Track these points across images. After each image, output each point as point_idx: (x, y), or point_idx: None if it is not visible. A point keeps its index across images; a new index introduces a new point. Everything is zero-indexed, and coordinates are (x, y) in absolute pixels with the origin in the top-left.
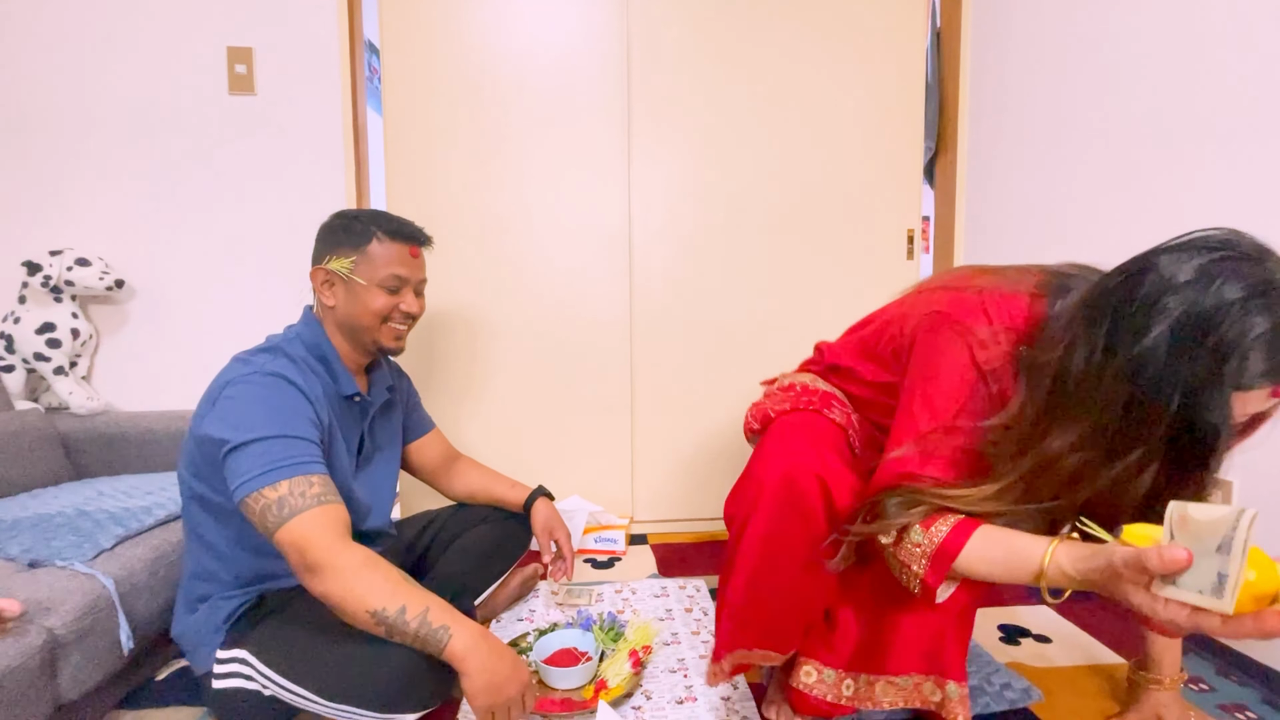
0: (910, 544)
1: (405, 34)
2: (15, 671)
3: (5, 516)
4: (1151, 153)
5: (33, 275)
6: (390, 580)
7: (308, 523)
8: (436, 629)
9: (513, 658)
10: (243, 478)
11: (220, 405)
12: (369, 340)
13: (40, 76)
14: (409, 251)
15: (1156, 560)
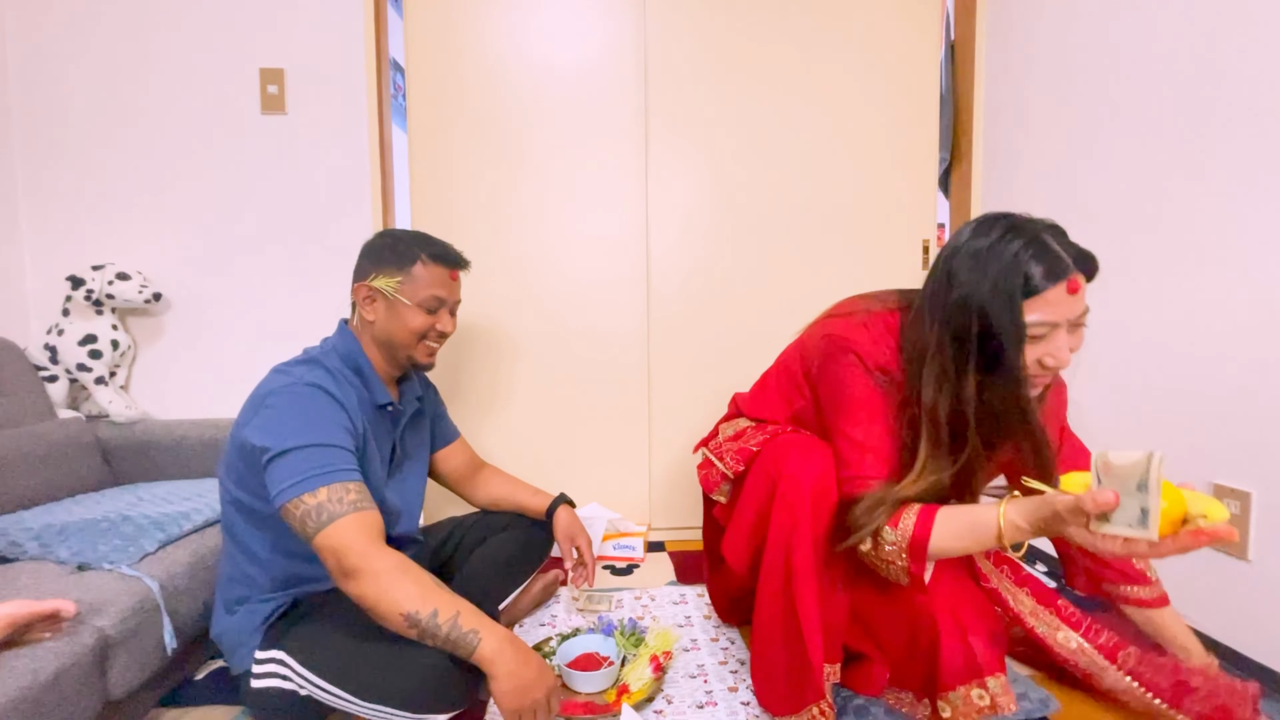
0: (886, 544)
1: (429, 53)
2: (70, 669)
3: (53, 521)
4: (1166, 164)
5: (76, 289)
6: (422, 585)
7: (344, 528)
8: (467, 633)
9: (539, 662)
10: (283, 484)
11: (262, 414)
12: (404, 356)
13: (82, 100)
14: (450, 275)
15: (1090, 503)
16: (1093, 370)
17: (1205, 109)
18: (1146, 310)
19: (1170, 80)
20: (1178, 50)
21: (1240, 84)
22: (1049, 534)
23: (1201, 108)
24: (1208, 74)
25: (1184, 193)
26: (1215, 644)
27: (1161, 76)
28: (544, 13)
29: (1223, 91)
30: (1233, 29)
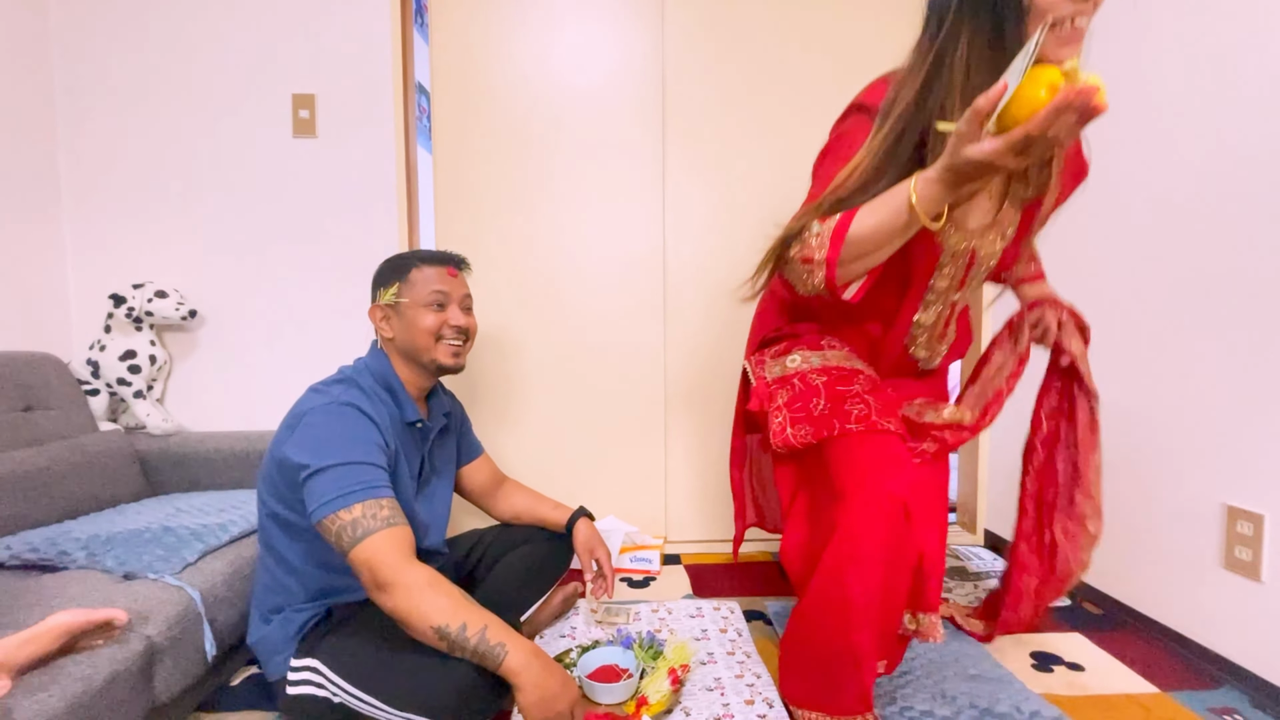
0: (811, 236)
1: (453, 77)
2: (121, 675)
3: (99, 532)
4: (1163, 169)
5: (118, 307)
6: (452, 599)
7: (378, 543)
8: (494, 646)
9: (563, 674)
10: (320, 500)
11: (299, 432)
12: (428, 360)
13: (123, 123)
14: (446, 272)
15: (983, 100)
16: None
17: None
18: (1154, 332)
19: (1164, 87)
20: (1171, 55)
21: (1241, 86)
22: (957, 173)
23: (1197, 111)
24: (1203, 84)
25: (1178, 197)
26: (1228, 664)
27: (1155, 87)
28: (563, 36)
29: (1217, 99)
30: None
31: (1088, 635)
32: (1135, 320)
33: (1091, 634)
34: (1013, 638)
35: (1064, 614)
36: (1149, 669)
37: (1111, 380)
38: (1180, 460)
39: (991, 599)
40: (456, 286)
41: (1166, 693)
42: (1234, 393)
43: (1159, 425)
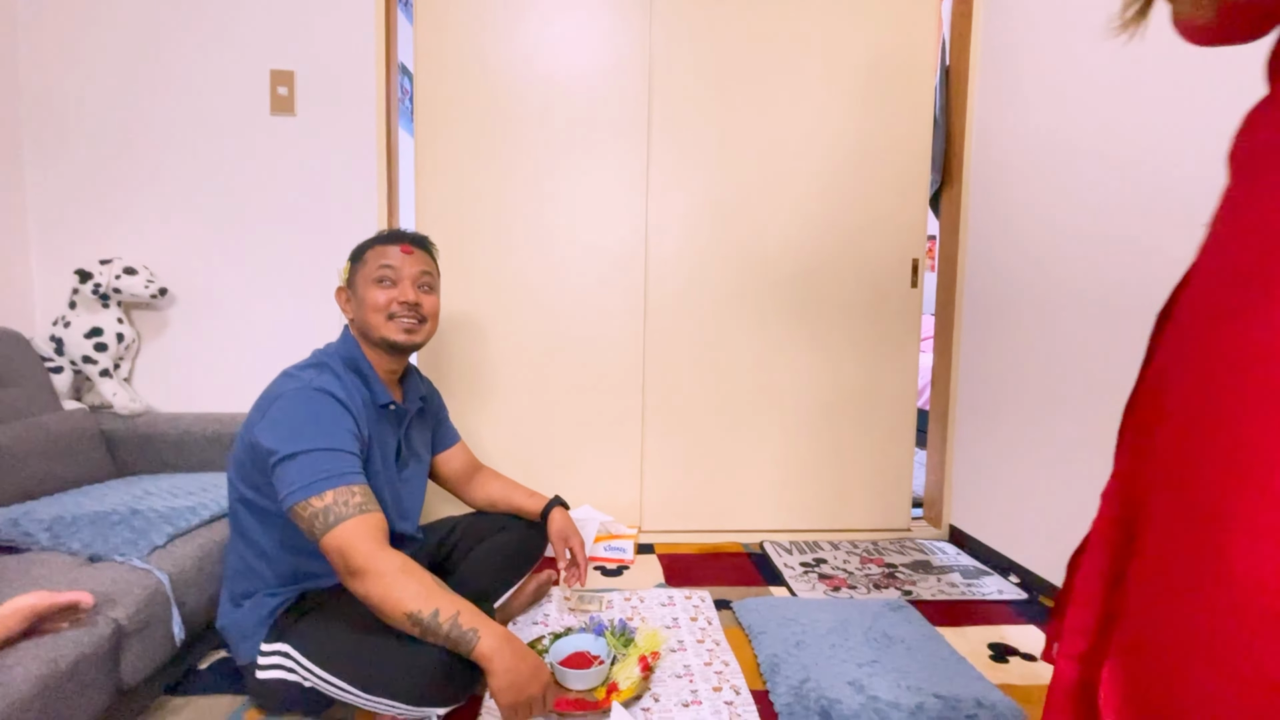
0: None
1: (437, 58)
2: (88, 658)
3: (64, 513)
4: (1153, 187)
5: (84, 283)
6: (425, 585)
7: (350, 530)
8: (466, 631)
9: (534, 659)
10: (291, 487)
11: (270, 417)
12: (379, 338)
13: (92, 96)
14: (399, 249)
15: None
16: (1056, 390)
17: (1190, 130)
18: (1123, 334)
19: (1156, 105)
20: (1163, 75)
21: (1224, 103)
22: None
23: (1187, 129)
24: (1193, 98)
25: (1171, 215)
26: None
27: (1147, 101)
28: (551, 23)
29: (1208, 113)
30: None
31: (1041, 628)
32: (1098, 327)
33: (1045, 626)
34: (971, 628)
35: (1020, 607)
36: None
37: (1072, 383)
38: None
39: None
40: (410, 263)
41: None
42: None
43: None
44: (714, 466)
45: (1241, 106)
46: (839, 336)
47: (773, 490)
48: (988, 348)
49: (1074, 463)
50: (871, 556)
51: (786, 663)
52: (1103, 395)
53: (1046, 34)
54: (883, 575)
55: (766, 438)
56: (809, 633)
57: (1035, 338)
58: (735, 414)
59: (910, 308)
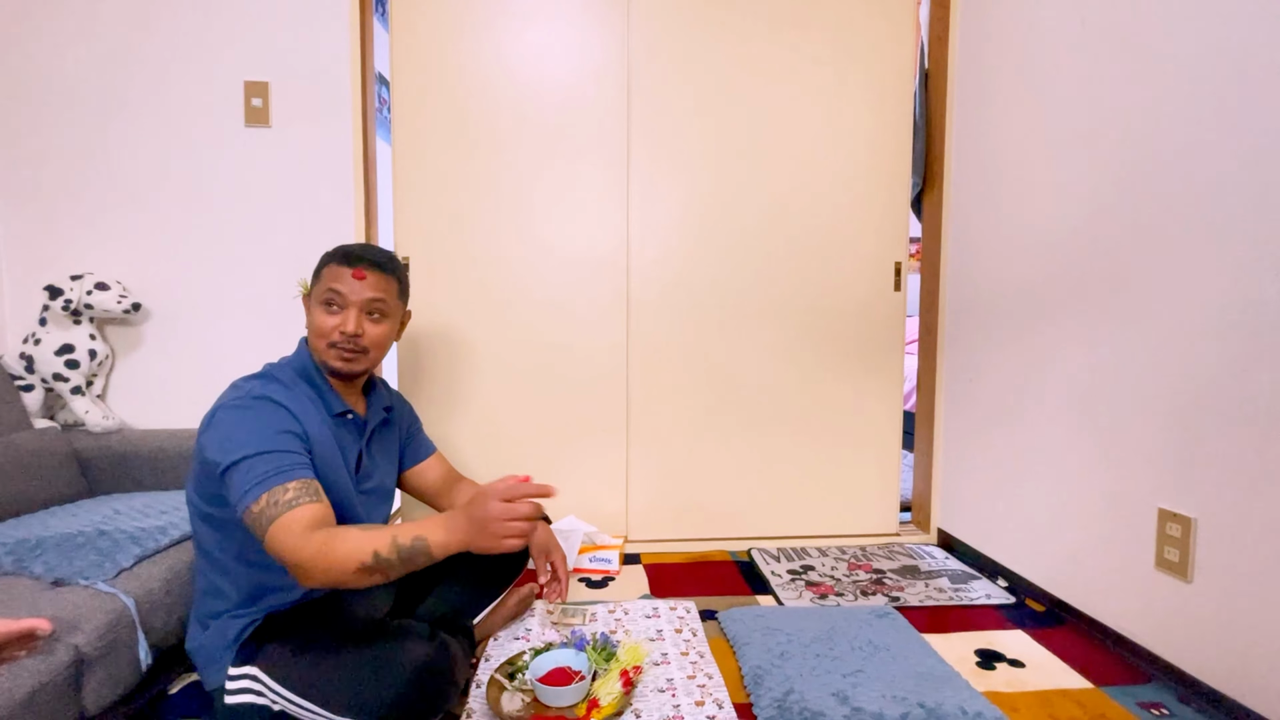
0: None
1: (414, 67)
2: (45, 688)
3: (28, 535)
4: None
5: (54, 299)
6: (351, 538)
7: (278, 531)
8: (413, 544)
9: (473, 504)
10: (235, 497)
11: (211, 429)
12: (319, 362)
13: (62, 108)
14: (350, 273)
15: None
16: (1040, 393)
17: (1168, 133)
18: (1104, 337)
19: (1133, 107)
20: (1139, 78)
21: (1204, 106)
22: None
23: (1165, 132)
24: (1171, 98)
25: (1150, 213)
26: (1158, 660)
27: (1125, 104)
28: (529, 30)
29: (1188, 114)
30: (1186, 53)
31: (1029, 632)
32: (1080, 329)
33: (1033, 631)
34: (959, 634)
35: (1008, 611)
36: (1085, 665)
37: (1057, 385)
38: (1119, 463)
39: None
40: (359, 289)
41: (1100, 688)
42: (1168, 399)
43: (1101, 428)
44: (700, 474)
45: (1222, 107)
46: (823, 341)
47: (759, 497)
48: (972, 350)
49: (1062, 464)
50: (859, 562)
51: (770, 674)
52: (1089, 396)
53: (1024, 35)
54: (870, 581)
55: (752, 444)
56: (794, 642)
57: (1020, 339)
58: (720, 421)
59: (894, 311)
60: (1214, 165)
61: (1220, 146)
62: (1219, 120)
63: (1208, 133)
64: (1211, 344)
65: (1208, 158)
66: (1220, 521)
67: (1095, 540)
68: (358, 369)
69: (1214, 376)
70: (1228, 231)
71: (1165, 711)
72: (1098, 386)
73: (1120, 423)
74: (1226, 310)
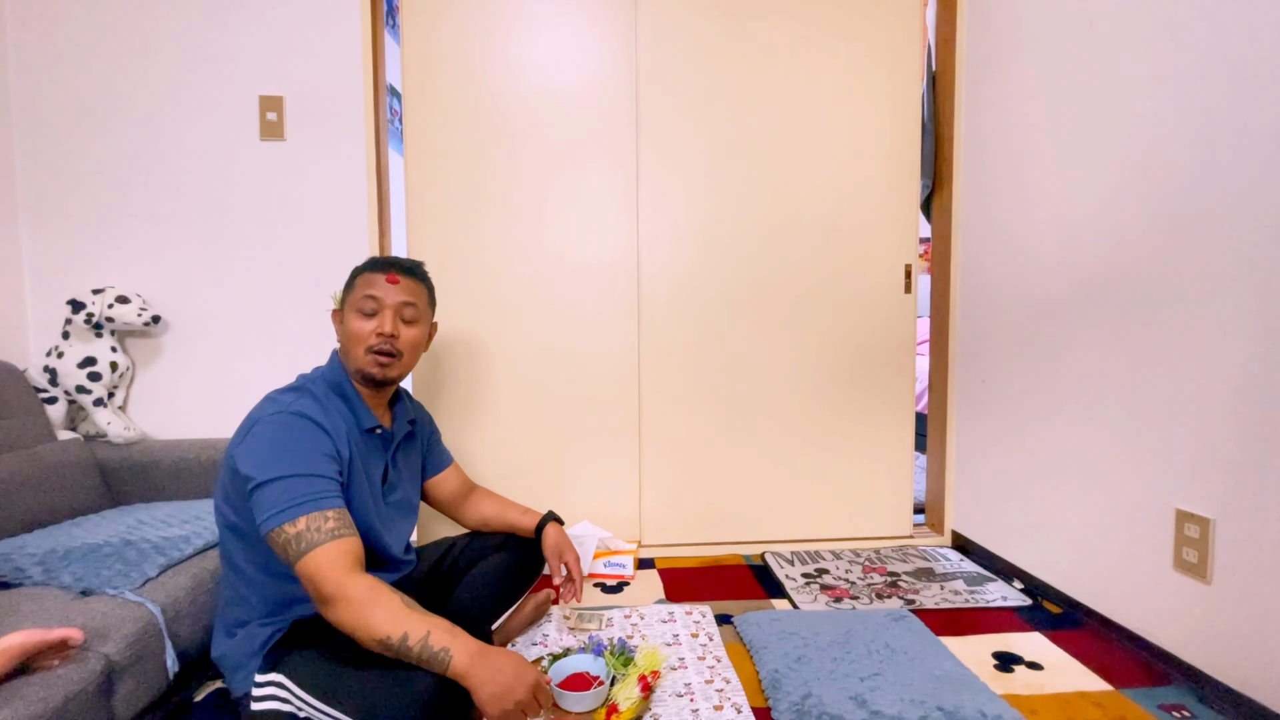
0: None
1: (425, 78)
2: (78, 696)
3: (56, 546)
4: (1145, 185)
5: (76, 313)
6: (393, 609)
7: (320, 557)
8: (438, 651)
9: (515, 663)
10: (266, 513)
11: (247, 442)
12: (355, 370)
13: (83, 125)
14: (385, 278)
15: None
16: (1055, 393)
17: (1177, 127)
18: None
19: (1141, 106)
20: (1148, 75)
21: (1213, 99)
22: None
23: (1174, 128)
24: (1178, 96)
25: (1157, 212)
26: (1178, 662)
27: (1133, 103)
28: (538, 41)
29: (1195, 109)
30: (1194, 46)
31: (1047, 635)
32: (1096, 329)
33: (1050, 633)
34: (975, 637)
35: (1025, 613)
36: (1104, 667)
37: (1071, 385)
38: (1135, 464)
39: None
40: (393, 293)
41: (1120, 690)
42: (1186, 399)
43: (1116, 428)
44: (713, 478)
45: (1234, 104)
46: (834, 344)
47: (773, 500)
48: (985, 350)
49: (1076, 464)
50: (874, 565)
51: (788, 678)
52: (1104, 395)
53: (1032, 35)
54: (885, 584)
55: (765, 448)
56: (810, 646)
57: (1034, 339)
58: (732, 425)
59: (905, 313)
60: (1234, 168)
61: (1240, 148)
62: (1238, 123)
63: (1227, 135)
64: (1231, 344)
65: (1227, 160)
66: (1240, 522)
67: (1112, 541)
68: (392, 375)
69: (1232, 377)
70: (1248, 234)
71: (1187, 713)
72: (1114, 386)
73: (1137, 423)
74: (1246, 312)
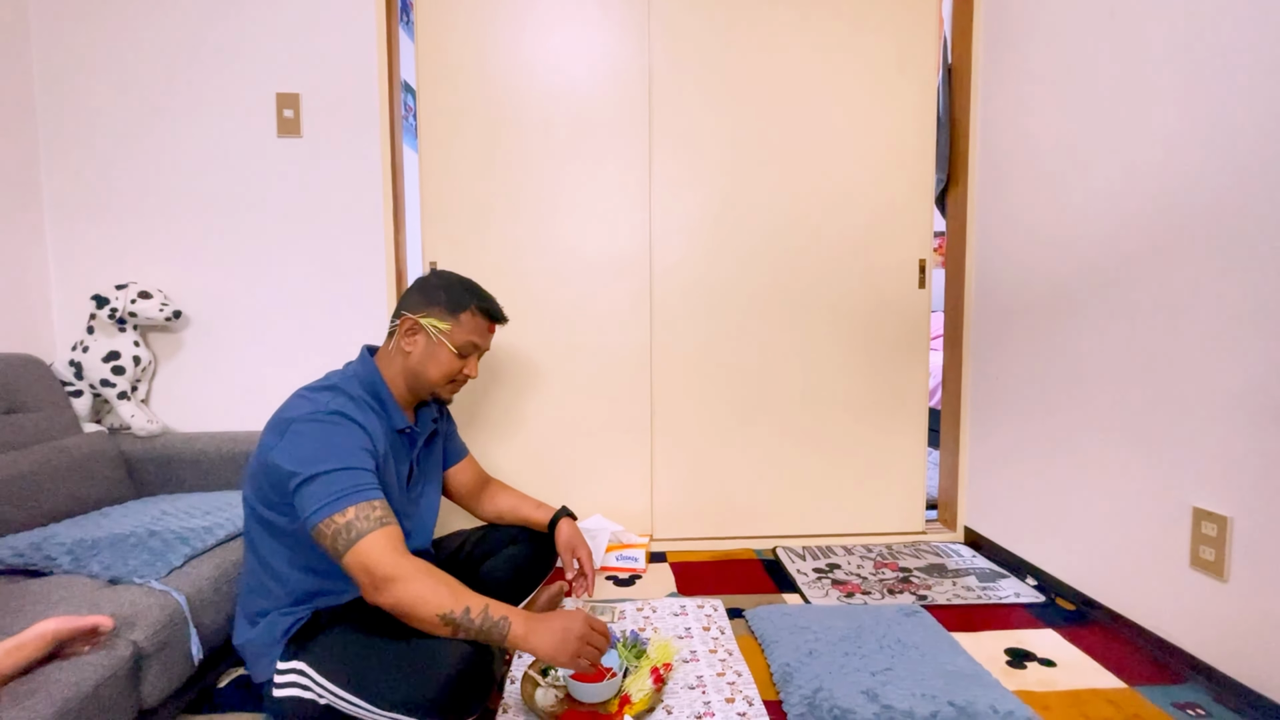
0: None
1: (439, 74)
2: (109, 681)
3: (85, 536)
4: (1161, 181)
5: (101, 308)
6: (451, 586)
7: (373, 544)
8: (498, 621)
9: (559, 614)
10: (313, 507)
11: (289, 440)
12: (428, 392)
13: (105, 125)
14: (489, 327)
15: None
16: (1070, 390)
17: (1195, 124)
18: (1136, 334)
19: (1160, 99)
20: (1166, 69)
21: (1236, 96)
22: None
23: (1192, 121)
24: (1197, 90)
25: (1176, 204)
26: (1194, 660)
27: (1151, 96)
28: (551, 36)
29: (1216, 105)
30: (1221, 41)
31: (1060, 631)
32: (1113, 324)
33: (1063, 630)
34: (988, 633)
35: (1038, 610)
36: (1118, 664)
37: (1087, 382)
38: (1152, 461)
39: None
40: (488, 342)
41: (1134, 687)
42: (1204, 396)
43: (1133, 425)
44: (724, 472)
45: (1257, 96)
46: (847, 338)
47: (784, 495)
48: (998, 346)
49: (1091, 461)
50: (885, 561)
51: (799, 672)
52: (1121, 391)
53: (1048, 28)
54: (897, 580)
55: (776, 442)
56: (822, 641)
57: (1049, 335)
58: (744, 419)
59: (919, 308)
60: (1258, 162)
61: (1265, 141)
62: (1261, 115)
63: (1250, 128)
64: (1251, 341)
65: (1251, 153)
66: (1258, 521)
67: (1127, 539)
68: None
69: (1251, 374)
70: (1271, 229)
71: (1201, 711)
72: (1130, 384)
73: (1154, 420)
74: (1266, 308)
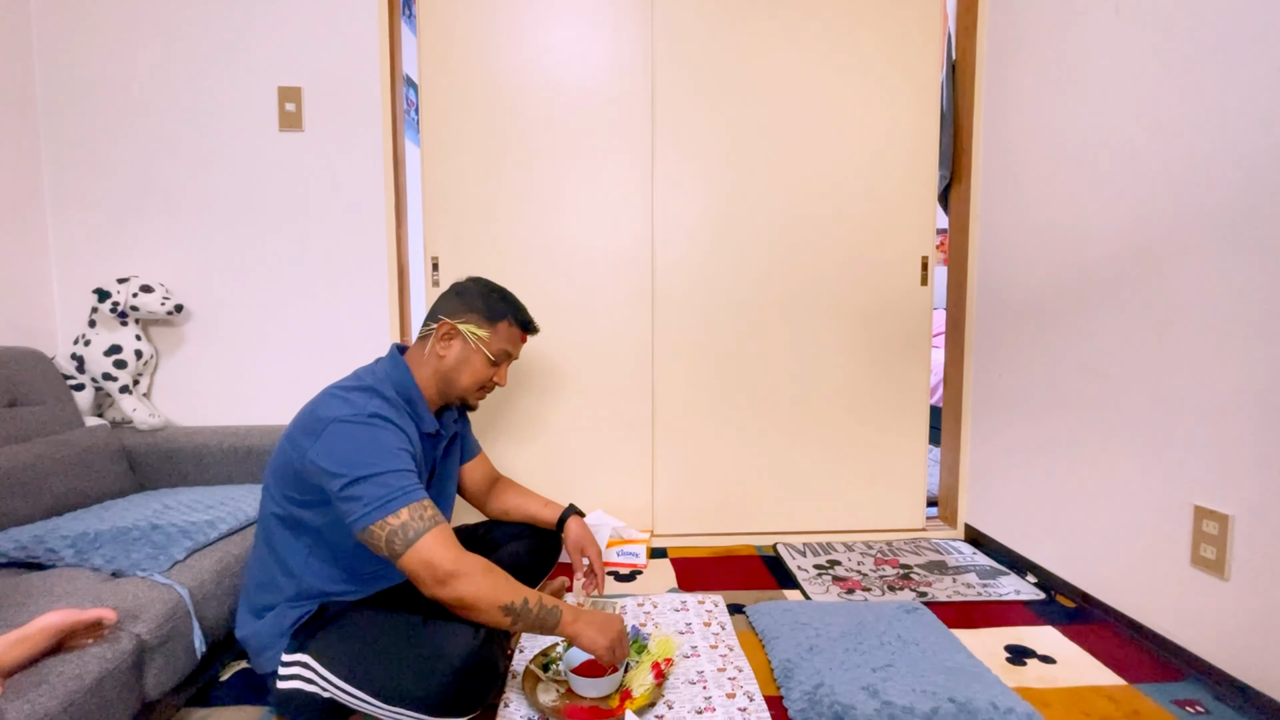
0: None
1: (441, 69)
2: (113, 674)
3: (87, 529)
4: (1167, 178)
5: (102, 301)
6: (508, 579)
7: (432, 542)
8: (551, 609)
9: (600, 612)
10: (363, 510)
11: (327, 440)
12: (457, 397)
13: (107, 118)
14: (523, 338)
15: None
16: (1072, 388)
17: (1200, 123)
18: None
19: (1164, 97)
20: (1171, 67)
21: (1239, 92)
22: None
23: (1197, 122)
24: (1201, 86)
25: (1180, 202)
26: (1194, 658)
27: (1156, 94)
28: (554, 32)
29: (1218, 104)
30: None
31: (1060, 629)
32: (1114, 322)
33: (1063, 627)
34: (988, 630)
35: (1038, 607)
36: (1118, 662)
37: (1089, 379)
38: (1153, 459)
39: None
40: (519, 351)
41: (1134, 685)
42: (1206, 395)
43: (1135, 423)
44: (726, 469)
45: (1263, 92)
46: (848, 335)
47: (785, 492)
48: (1001, 343)
49: (1092, 459)
50: (886, 558)
51: (800, 668)
52: (1123, 390)
53: (1053, 24)
54: (897, 577)
55: (777, 439)
56: (822, 637)
57: (1051, 333)
58: (745, 415)
59: (921, 306)
60: (1263, 160)
61: (1271, 138)
62: (1268, 112)
63: (1256, 125)
64: (1254, 340)
65: (1256, 152)
66: (1260, 519)
67: (1128, 537)
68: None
69: (1254, 373)
70: (1274, 228)
71: (1201, 709)
72: (1132, 381)
73: (1156, 418)
74: (1269, 308)
